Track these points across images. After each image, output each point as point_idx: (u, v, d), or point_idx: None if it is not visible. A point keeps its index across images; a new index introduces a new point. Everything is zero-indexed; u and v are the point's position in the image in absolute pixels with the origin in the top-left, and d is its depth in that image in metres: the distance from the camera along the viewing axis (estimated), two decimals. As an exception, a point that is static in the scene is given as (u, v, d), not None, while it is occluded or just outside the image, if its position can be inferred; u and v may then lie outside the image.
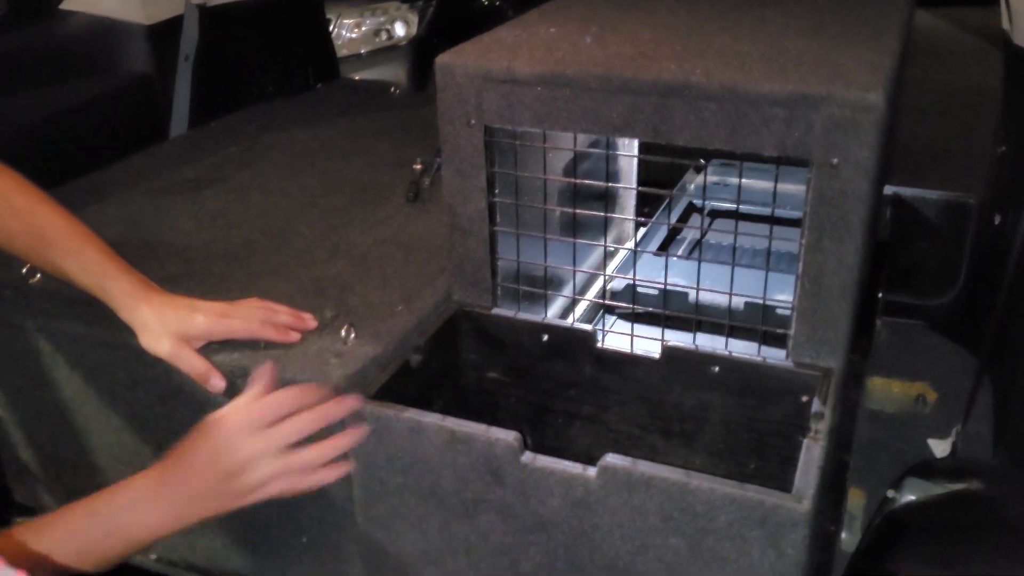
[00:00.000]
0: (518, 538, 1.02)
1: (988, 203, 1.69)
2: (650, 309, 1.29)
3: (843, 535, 1.34)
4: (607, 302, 1.40)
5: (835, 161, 0.99)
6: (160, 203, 1.56)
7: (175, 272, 1.31)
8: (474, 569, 1.06)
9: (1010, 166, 1.64)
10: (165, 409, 1.16)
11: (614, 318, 1.46)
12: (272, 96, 2.20)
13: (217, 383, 1.09)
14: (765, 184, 1.14)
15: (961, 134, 2.03)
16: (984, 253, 1.71)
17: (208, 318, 1.10)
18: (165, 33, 1.96)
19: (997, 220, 1.65)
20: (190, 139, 1.94)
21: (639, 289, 1.35)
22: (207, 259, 1.35)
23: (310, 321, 1.16)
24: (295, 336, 1.13)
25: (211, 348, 1.11)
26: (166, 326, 1.09)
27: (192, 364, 1.09)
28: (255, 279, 1.28)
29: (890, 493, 1.24)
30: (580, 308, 1.42)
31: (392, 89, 2.27)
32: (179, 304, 1.12)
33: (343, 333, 1.14)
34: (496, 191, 1.18)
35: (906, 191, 1.74)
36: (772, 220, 1.12)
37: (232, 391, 1.10)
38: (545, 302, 1.27)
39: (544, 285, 1.25)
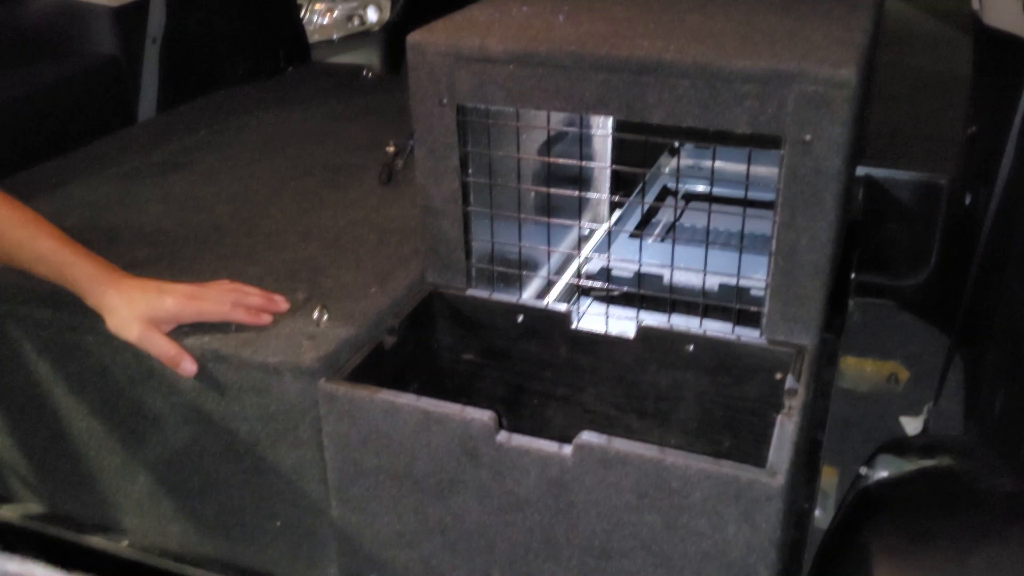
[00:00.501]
0: (494, 518, 1.01)
1: (959, 183, 1.70)
2: (625, 289, 1.29)
3: (817, 512, 1.35)
4: (582, 283, 1.40)
5: (808, 138, 0.99)
6: (128, 187, 1.53)
7: (144, 256, 1.29)
8: (450, 550, 1.06)
9: (980, 146, 1.66)
10: (136, 393, 1.15)
11: (589, 299, 1.46)
12: (242, 80, 2.17)
13: (188, 366, 1.08)
14: (739, 167, 1.14)
15: (932, 116, 2.04)
16: (955, 233, 1.73)
17: (177, 300, 1.09)
18: (132, 15, 1.93)
19: (968, 200, 1.66)
20: (159, 123, 1.91)
21: (614, 270, 1.35)
22: (176, 243, 1.33)
23: (282, 303, 1.15)
24: (267, 318, 1.12)
25: (181, 331, 1.10)
26: (134, 310, 1.08)
27: (162, 348, 1.07)
28: (226, 263, 1.27)
29: (863, 470, 1.25)
30: (555, 290, 1.42)
31: (364, 72, 2.25)
32: (147, 287, 1.10)
33: (316, 315, 1.13)
34: (469, 171, 1.17)
35: (878, 172, 1.75)
36: (745, 202, 1.12)
37: (203, 375, 1.09)
38: (520, 283, 1.26)
39: (519, 266, 1.25)
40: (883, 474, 1.24)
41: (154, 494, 1.22)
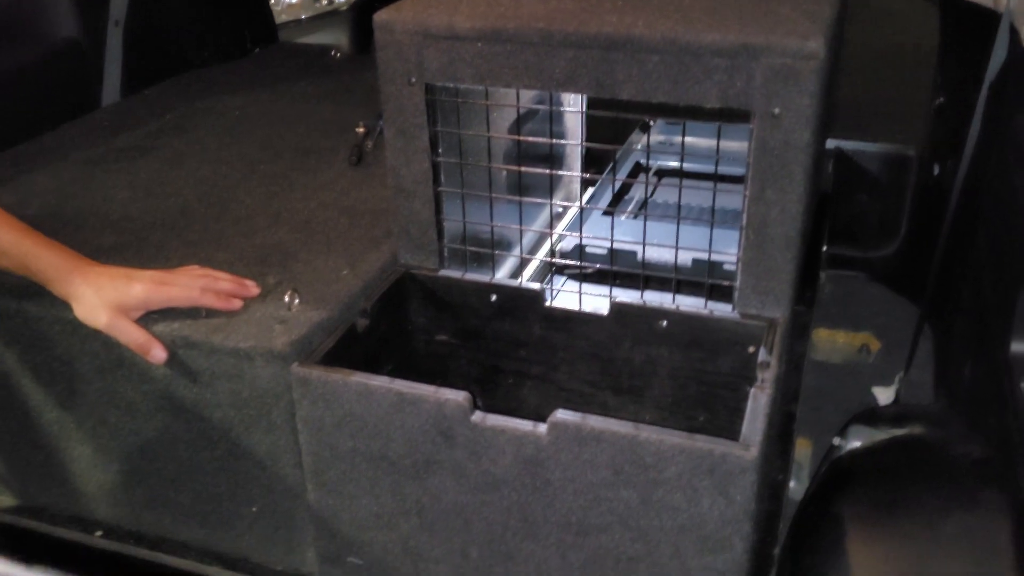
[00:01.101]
0: (471, 498, 1.01)
1: (927, 154, 1.72)
2: (598, 267, 1.29)
3: (791, 484, 1.36)
4: (555, 261, 1.39)
5: (777, 111, 0.99)
6: (94, 173, 1.51)
7: (111, 243, 1.27)
8: (428, 530, 1.06)
9: (947, 117, 1.67)
10: (106, 382, 1.13)
11: (563, 278, 1.46)
12: (208, 62, 2.14)
13: (158, 353, 1.06)
14: (710, 142, 1.14)
15: (901, 88, 2.05)
16: (924, 204, 1.74)
17: (146, 287, 1.08)
18: (94, -3, 1.90)
19: (936, 171, 1.67)
20: (123, 107, 1.88)
21: (587, 248, 1.35)
22: (144, 229, 1.31)
23: (253, 288, 1.14)
24: (237, 303, 1.11)
25: (150, 318, 1.09)
26: (102, 297, 1.06)
27: (131, 335, 1.06)
28: (194, 248, 1.25)
29: (836, 441, 1.26)
30: (529, 269, 1.41)
31: (333, 52, 2.22)
32: (115, 274, 1.08)
33: (287, 299, 1.12)
34: (440, 151, 1.17)
35: (848, 144, 1.76)
36: (716, 177, 1.12)
37: (174, 362, 1.08)
38: (492, 263, 1.26)
39: (491, 246, 1.24)
40: (856, 444, 1.25)
41: (127, 483, 1.21)
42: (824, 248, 1.60)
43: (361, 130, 1.59)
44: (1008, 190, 1.19)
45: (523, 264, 1.39)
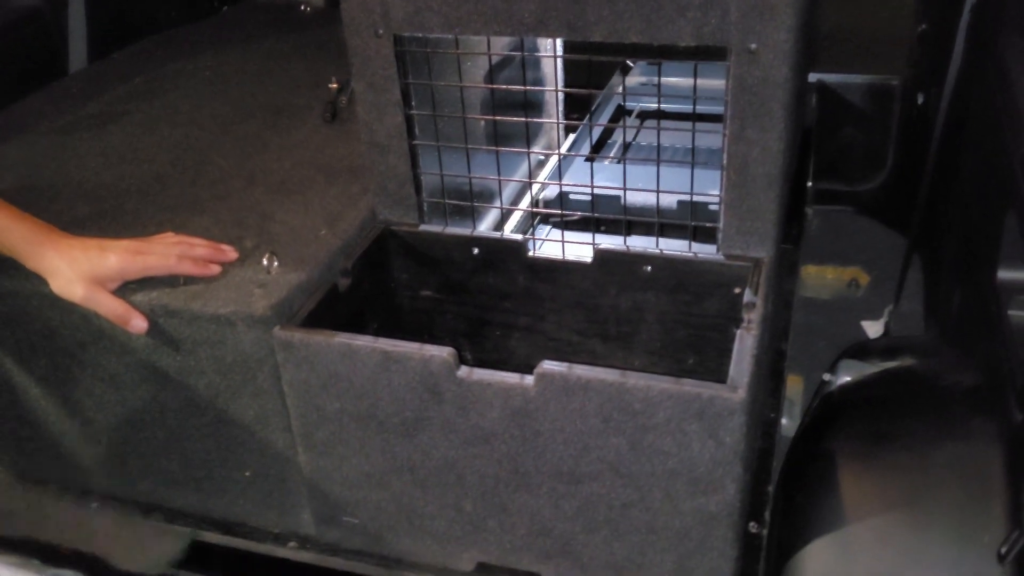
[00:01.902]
0: (461, 452, 1.01)
1: (911, 84, 1.69)
2: (580, 214, 1.27)
3: (783, 421, 1.37)
4: (537, 210, 1.38)
5: (753, 47, 0.97)
6: (64, 142, 1.48)
7: (85, 213, 1.25)
8: (420, 486, 1.06)
9: (930, 44, 1.64)
10: (87, 355, 1.12)
11: (547, 227, 1.44)
12: (176, 22, 2.09)
13: (138, 323, 1.05)
14: (691, 82, 1.11)
15: (883, 18, 2.01)
16: (909, 134, 1.72)
17: (121, 257, 1.06)
18: (53, -39, 1.84)
19: (920, 100, 1.65)
20: (91, 73, 1.84)
21: (569, 196, 1.33)
22: (118, 197, 1.29)
23: (230, 252, 1.12)
24: (215, 269, 1.09)
25: (128, 288, 1.07)
26: (77, 269, 1.05)
27: (109, 306, 1.05)
28: (170, 214, 1.23)
29: (827, 376, 1.26)
30: (511, 220, 1.40)
31: (303, 7, 2.17)
32: (89, 245, 1.07)
33: (265, 262, 1.10)
34: (412, 104, 1.14)
35: (830, 77, 1.73)
36: (695, 117, 1.10)
37: (155, 331, 1.07)
38: (473, 215, 1.24)
39: (471, 198, 1.22)
40: (846, 379, 1.25)
41: (119, 454, 1.20)
42: (809, 183, 1.59)
43: (334, 86, 1.55)
44: (992, 115, 1.18)
45: (505, 215, 1.37)
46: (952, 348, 1.25)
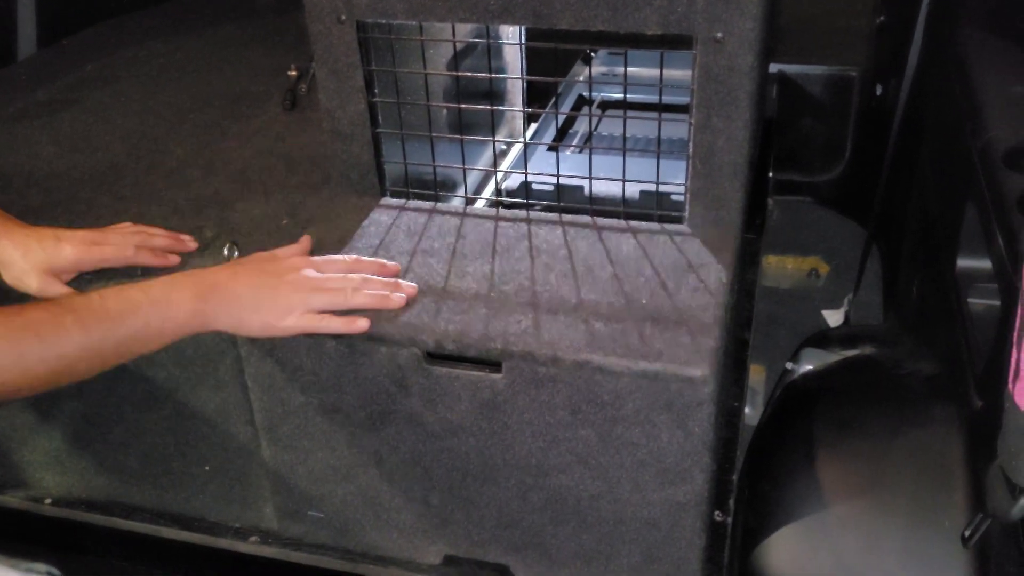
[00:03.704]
0: (429, 445, 1.00)
1: (869, 75, 1.71)
2: (545, 203, 1.27)
3: (746, 410, 1.38)
4: (501, 199, 1.37)
5: (719, 35, 0.97)
6: (14, 130, 1.44)
7: (38, 202, 1.22)
8: (387, 480, 1.05)
9: (889, 36, 1.66)
10: (42, 349, 1.09)
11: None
12: (128, 8, 2.04)
13: (94, 316, 1.02)
14: (653, 72, 1.11)
15: (842, 8, 2.03)
16: (868, 125, 1.74)
17: (76, 247, 1.03)
18: (-1, -57, 1.79)
19: (879, 91, 1.67)
20: (41, 59, 1.79)
21: (533, 185, 1.32)
22: (71, 186, 1.26)
23: (189, 242, 1.10)
24: (174, 259, 1.07)
25: (84, 279, 1.05)
26: (32, 260, 1.02)
27: (64, 298, 1.02)
28: (126, 204, 1.21)
29: (788, 365, 1.27)
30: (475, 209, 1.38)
31: (260, -7, 2.13)
32: (43, 235, 1.04)
33: (226, 252, 1.08)
34: (375, 91, 1.12)
35: (790, 68, 1.74)
36: (660, 107, 1.10)
37: (112, 323, 1.04)
38: (436, 204, 1.23)
39: (434, 187, 1.21)
40: (808, 367, 1.26)
41: (74, 449, 1.17)
42: (770, 174, 1.60)
43: (294, 73, 1.53)
44: (951, 107, 1.19)
45: (468, 204, 1.36)
46: (911, 336, 1.26)
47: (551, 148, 1.54)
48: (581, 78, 1.81)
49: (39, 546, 1.24)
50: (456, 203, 1.28)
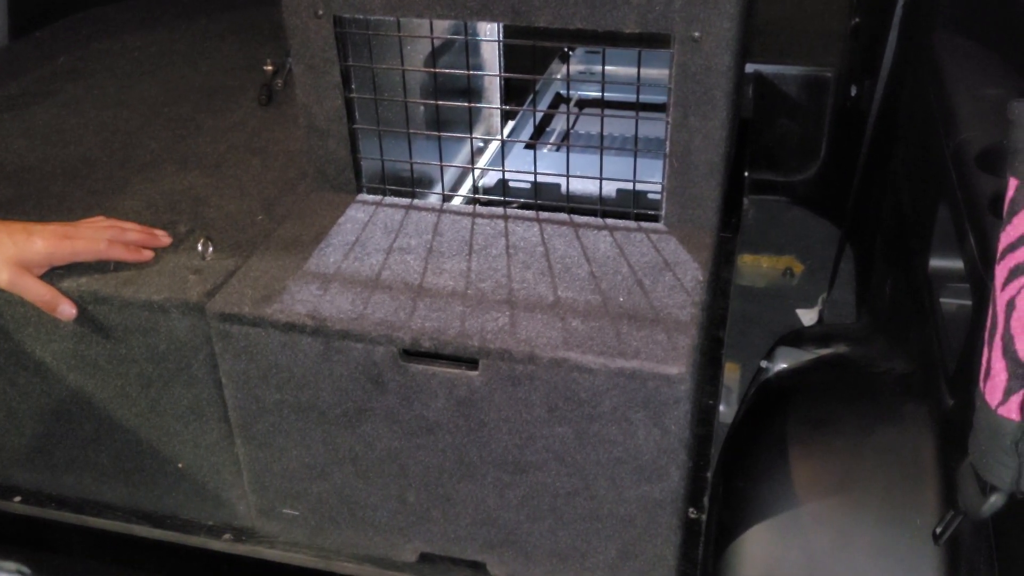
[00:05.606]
0: (405, 443, 1.00)
1: (844, 76, 1.72)
2: (522, 201, 1.27)
3: (721, 408, 1.38)
4: (478, 197, 1.36)
5: (697, 35, 0.97)
6: (-17, 122, 1.42)
7: (8, 196, 1.20)
8: (363, 477, 1.04)
9: (864, 36, 1.67)
10: (12, 343, 1.08)
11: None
12: (101, 1, 2.01)
13: (66, 310, 1.01)
14: (631, 70, 1.11)
15: (818, 10, 2.05)
16: (842, 126, 1.75)
17: (48, 241, 1.02)
18: (-31, -68, 1.76)
19: (853, 92, 1.68)
20: (13, 51, 1.76)
21: (510, 183, 1.32)
22: (43, 179, 1.24)
23: (163, 237, 1.09)
24: (147, 254, 1.06)
25: (55, 274, 1.03)
26: (2, 254, 1.00)
27: (36, 292, 1.01)
28: (99, 198, 1.19)
29: (763, 363, 1.28)
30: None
31: (235, -13, 2.11)
32: (14, 229, 1.02)
33: (200, 248, 1.07)
34: (353, 87, 1.12)
35: (767, 68, 1.75)
36: (638, 106, 1.10)
37: (84, 318, 1.03)
38: (412, 201, 1.22)
39: (411, 184, 1.20)
40: (782, 366, 1.27)
41: (44, 446, 1.16)
42: (746, 173, 1.61)
43: (269, 68, 1.52)
44: (924, 108, 1.20)
45: (445, 202, 1.36)
46: (884, 335, 1.27)
47: (528, 146, 1.54)
48: (559, 76, 1.81)
49: (9, 544, 1.22)
50: (433, 200, 1.28)
